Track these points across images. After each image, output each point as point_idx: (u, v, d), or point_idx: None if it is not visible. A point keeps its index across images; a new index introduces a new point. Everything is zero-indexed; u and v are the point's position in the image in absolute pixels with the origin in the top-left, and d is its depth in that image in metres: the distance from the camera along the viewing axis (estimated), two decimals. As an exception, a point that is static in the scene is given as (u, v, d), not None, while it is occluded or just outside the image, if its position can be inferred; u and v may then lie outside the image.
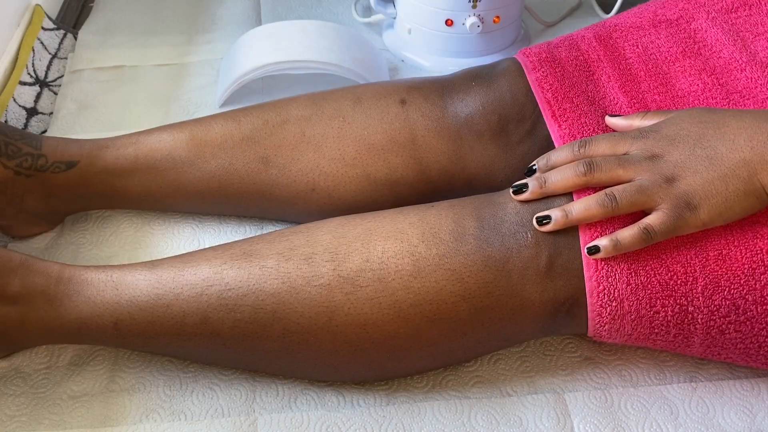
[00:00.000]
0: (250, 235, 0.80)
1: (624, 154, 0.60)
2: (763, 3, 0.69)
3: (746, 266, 0.58)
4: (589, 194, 0.60)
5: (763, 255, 0.58)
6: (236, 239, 0.80)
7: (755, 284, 0.58)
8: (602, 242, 0.58)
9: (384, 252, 0.61)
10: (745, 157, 0.57)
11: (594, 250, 0.59)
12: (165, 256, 0.79)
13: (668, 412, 0.66)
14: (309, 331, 0.61)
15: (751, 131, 0.57)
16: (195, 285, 0.62)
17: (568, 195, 0.62)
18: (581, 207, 0.59)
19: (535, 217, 0.61)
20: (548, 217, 0.60)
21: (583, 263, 0.59)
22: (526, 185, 0.62)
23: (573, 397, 0.67)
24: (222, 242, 0.80)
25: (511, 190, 0.63)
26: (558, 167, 0.62)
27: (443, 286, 0.60)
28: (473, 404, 0.66)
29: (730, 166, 0.57)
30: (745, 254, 0.58)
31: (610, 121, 0.66)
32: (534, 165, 0.64)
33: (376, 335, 0.61)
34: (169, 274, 0.64)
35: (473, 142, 0.73)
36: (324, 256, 0.62)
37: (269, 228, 0.82)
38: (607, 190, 0.59)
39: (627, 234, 0.58)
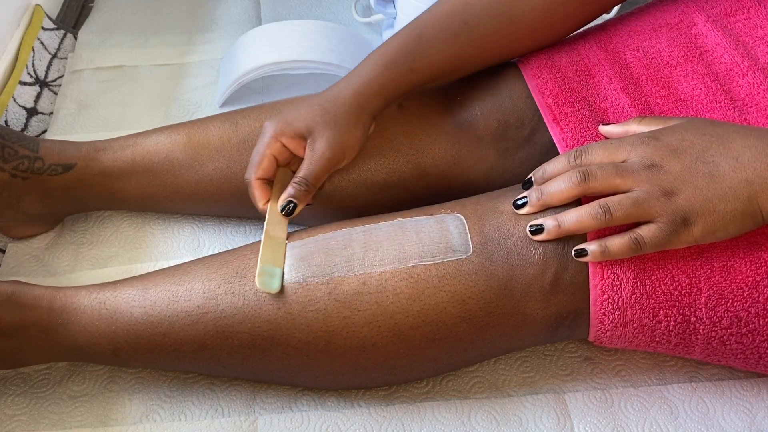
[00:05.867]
0: (250, 236, 0.81)
1: (623, 162, 0.58)
2: (762, 5, 0.69)
3: (750, 279, 0.57)
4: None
5: None
6: (236, 239, 0.80)
7: (758, 297, 0.57)
8: (591, 247, 0.58)
9: (381, 274, 0.60)
10: (748, 178, 0.55)
11: (582, 253, 0.58)
12: (165, 256, 0.79)
13: (668, 412, 0.66)
14: (308, 354, 0.61)
15: (756, 151, 0.56)
16: (190, 313, 0.62)
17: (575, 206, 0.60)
18: (573, 218, 0.58)
19: (528, 225, 0.60)
20: (542, 226, 0.59)
21: (590, 272, 0.59)
22: (526, 199, 0.61)
23: (573, 397, 0.67)
24: (222, 242, 0.80)
25: (512, 204, 0.62)
26: (554, 178, 0.60)
27: (444, 308, 0.60)
28: (473, 404, 0.66)
29: (732, 185, 0.55)
30: (750, 266, 0.57)
31: (604, 129, 0.64)
32: (530, 177, 0.63)
33: (376, 356, 0.61)
34: (163, 299, 0.63)
35: (472, 147, 0.72)
36: (318, 278, 0.61)
37: (269, 228, 0.82)
38: (601, 202, 0.57)
39: (616, 242, 0.57)
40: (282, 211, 0.65)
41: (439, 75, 0.70)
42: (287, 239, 0.64)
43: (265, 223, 0.65)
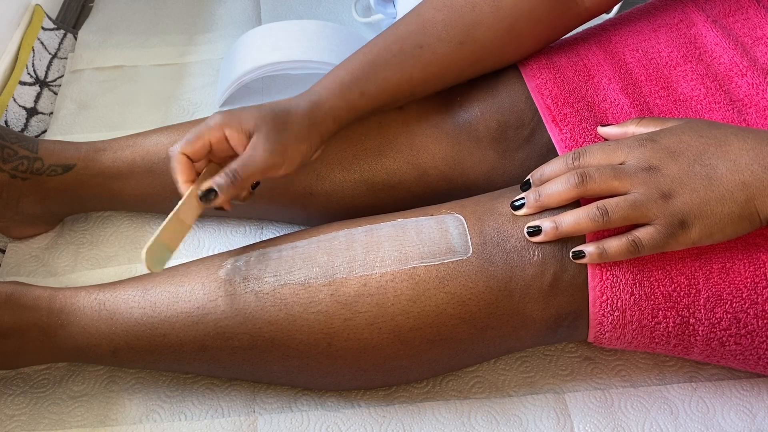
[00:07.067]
0: (250, 236, 0.81)
1: (620, 164, 0.58)
2: (761, 5, 0.69)
3: (749, 280, 0.57)
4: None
5: (766, 269, 0.57)
6: (236, 239, 0.80)
7: (757, 298, 0.57)
8: (588, 249, 0.58)
9: (382, 276, 0.60)
10: (745, 181, 0.55)
11: (579, 255, 0.58)
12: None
13: (668, 412, 0.66)
14: (309, 355, 0.61)
15: (753, 154, 0.55)
16: (190, 314, 0.62)
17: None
18: (571, 220, 0.58)
19: (526, 226, 0.60)
20: (539, 227, 0.59)
21: (588, 273, 0.59)
22: (523, 200, 0.61)
23: (573, 397, 0.67)
24: (222, 242, 0.80)
25: (510, 206, 0.62)
26: (552, 179, 0.60)
27: (444, 310, 0.60)
28: (473, 405, 0.66)
29: (729, 188, 0.55)
30: (749, 267, 0.57)
31: (602, 131, 0.64)
32: (529, 178, 0.63)
33: (377, 358, 0.61)
34: (163, 300, 0.63)
35: (472, 147, 0.72)
36: (320, 279, 0.61)
37: (269, 229, 0.82)
38: (599, 204, 0.57)
39: (614, 244, 0.57)
40: (201, 197, 0.61)
41: (392, 99, 0.70)
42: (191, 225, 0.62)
43: (180, 202, 0.61)
